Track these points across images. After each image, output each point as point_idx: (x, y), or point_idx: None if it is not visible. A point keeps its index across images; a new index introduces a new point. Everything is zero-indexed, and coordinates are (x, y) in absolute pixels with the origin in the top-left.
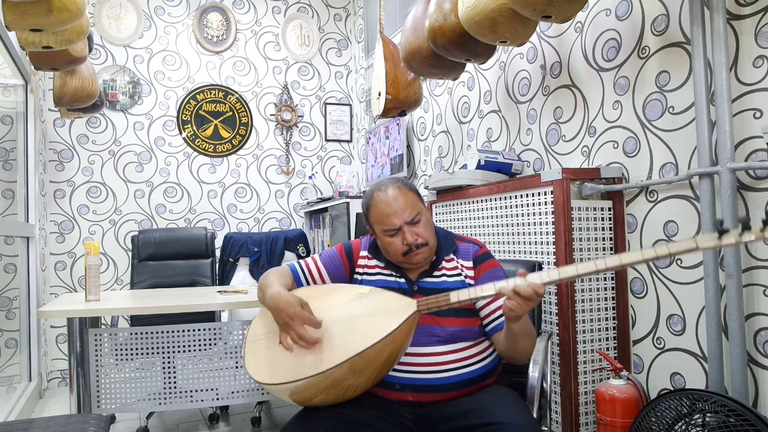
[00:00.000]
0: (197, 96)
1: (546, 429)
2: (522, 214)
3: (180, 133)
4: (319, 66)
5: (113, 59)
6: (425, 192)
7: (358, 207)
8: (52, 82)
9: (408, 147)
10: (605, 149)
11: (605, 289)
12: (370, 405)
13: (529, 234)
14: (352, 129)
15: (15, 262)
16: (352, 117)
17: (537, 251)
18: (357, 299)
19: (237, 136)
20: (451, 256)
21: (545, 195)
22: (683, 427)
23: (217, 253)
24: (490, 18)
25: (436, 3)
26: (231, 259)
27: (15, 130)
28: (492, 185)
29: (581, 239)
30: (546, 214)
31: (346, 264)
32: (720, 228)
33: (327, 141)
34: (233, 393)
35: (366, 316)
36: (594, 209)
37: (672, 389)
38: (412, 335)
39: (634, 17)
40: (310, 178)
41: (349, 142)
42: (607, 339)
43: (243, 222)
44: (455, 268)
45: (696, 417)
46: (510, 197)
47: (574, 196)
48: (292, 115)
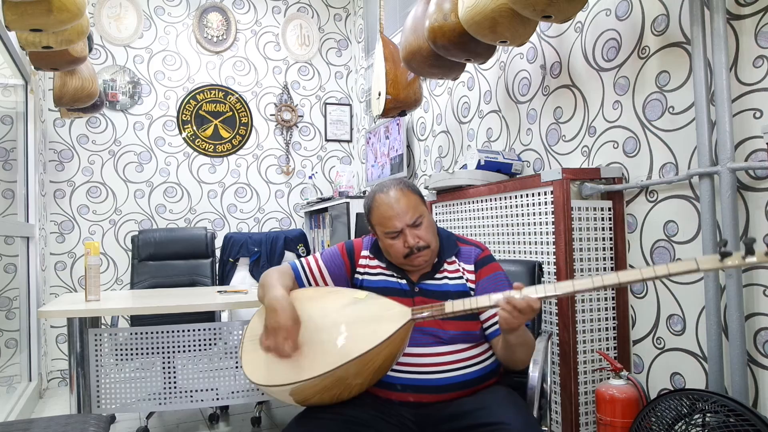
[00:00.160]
0: (197, 96)
1: (546, 429)
2: (522, 214)
3: (180, 133)
4: (319, 66)
5: (113, 59)
6: (425, 192)
7: (358, 207)
8: (52, 82)
9: (408, 147)
10: (605, 149)
11: (605, 289)
12: (371, 405)
13: (529, 234)
14: (352, 129)
15: (15, 262)
16: (352, 117)
17: (537, 251)
18: (353, 304)
19: (237, 136)
20: (453, 258)
21: (545, 195)
22: (683, 427)
23: (217, 253)
24: (490, 18)
25: (436, 3)
26: (231, 259)
27: (15, 130)
28: (492, 185)
29: (581, 239)
30: (546, 214)
31: (347, 264)
32: (722, 250)
33: (327, 141)
34: (233, 393)
35: (361, 321)
36: (594, 209)
37: (672, 389)
38: (406, 342)
39: (634, 17)
40: (310, 178)
41: (349, 142)
42: (607, 339)
43: (243, 222)
44: (457, 270)
45: (696, 417)
46: (510, 197)
47: (574, 196)
48: (292, 115)
